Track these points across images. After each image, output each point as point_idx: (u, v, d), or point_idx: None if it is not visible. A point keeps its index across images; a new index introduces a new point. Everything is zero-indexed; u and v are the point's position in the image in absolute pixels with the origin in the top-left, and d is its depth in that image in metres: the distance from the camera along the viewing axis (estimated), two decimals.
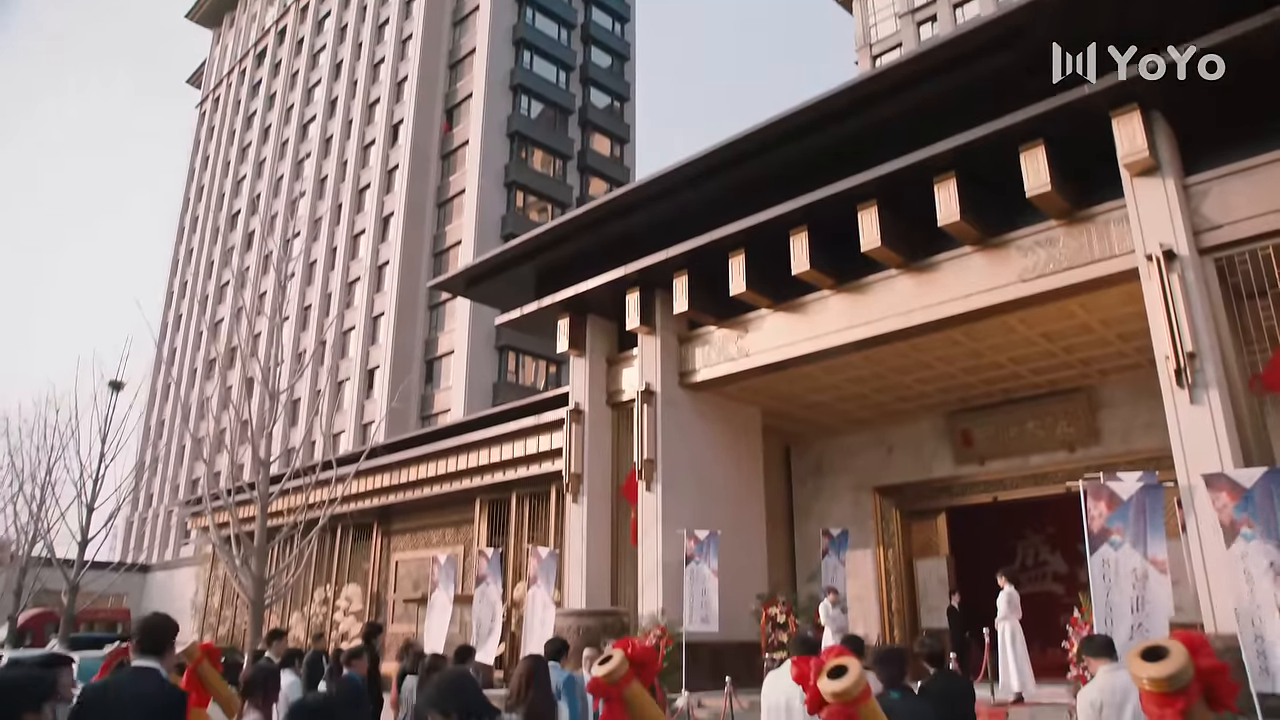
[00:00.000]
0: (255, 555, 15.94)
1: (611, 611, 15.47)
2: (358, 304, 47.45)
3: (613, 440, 17.33)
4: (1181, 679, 2.71)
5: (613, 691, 4.28)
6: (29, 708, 3.10)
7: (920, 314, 13.07)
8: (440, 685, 3.48)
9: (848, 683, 3.43)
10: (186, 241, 62.87)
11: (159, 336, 59.07)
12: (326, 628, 27.26)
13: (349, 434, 46.71)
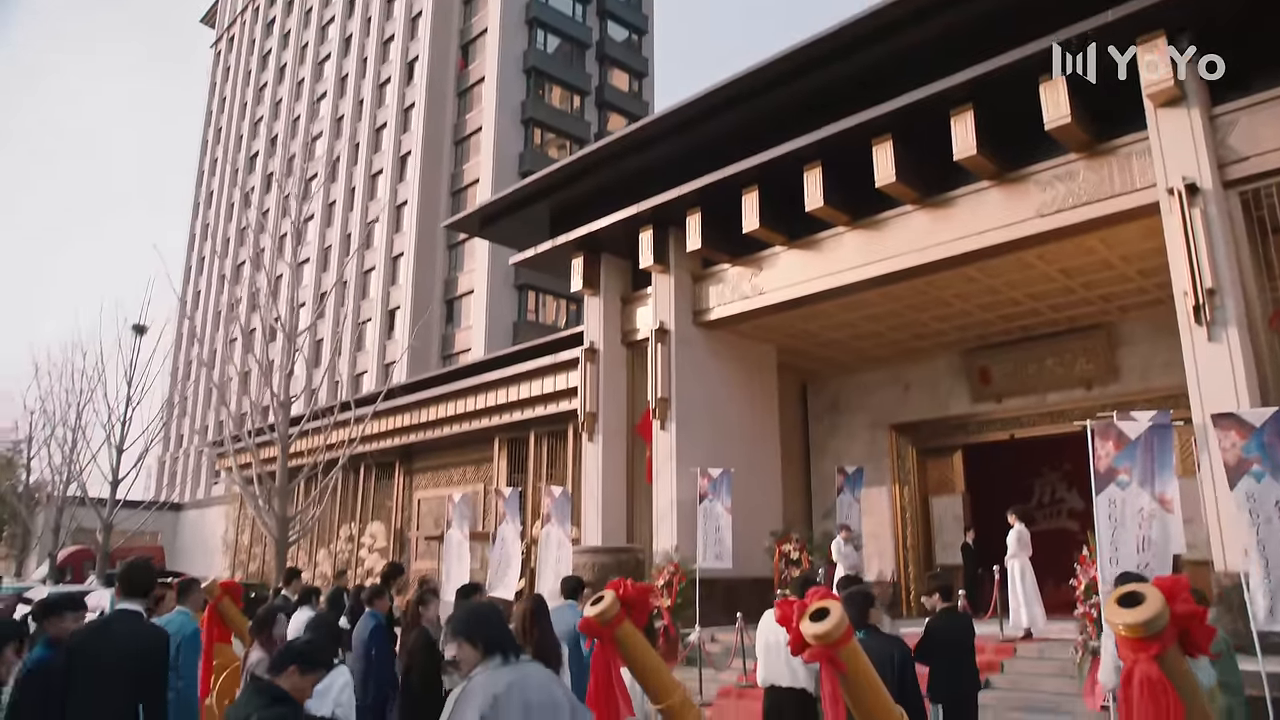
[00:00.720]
0: (277, 495, 16.23)
1: (626, 549, 15.67)
2: (377, 244, 47.47)
3: (628, 379, 17.37)
4: (1156, 624, 2.69)
5: (604, 631, 4.30)
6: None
7: (936, 250, 12.87)
8: (469, 615, 3.50)
9: (829, 625, 3.43)
10: (206, 184, 62.91)
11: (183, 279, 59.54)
12: (352, 564, 27.90)
13: (371, 374, 47.11)
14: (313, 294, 52.77)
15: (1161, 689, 2.65)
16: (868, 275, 13.66)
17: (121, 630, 4.18)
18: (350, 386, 45.47)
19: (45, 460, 29.32)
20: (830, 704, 3.39)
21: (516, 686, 3.21)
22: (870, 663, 3.67)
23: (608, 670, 4.39)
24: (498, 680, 3.23)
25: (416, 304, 44.89)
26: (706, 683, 12.10)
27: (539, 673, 3.37)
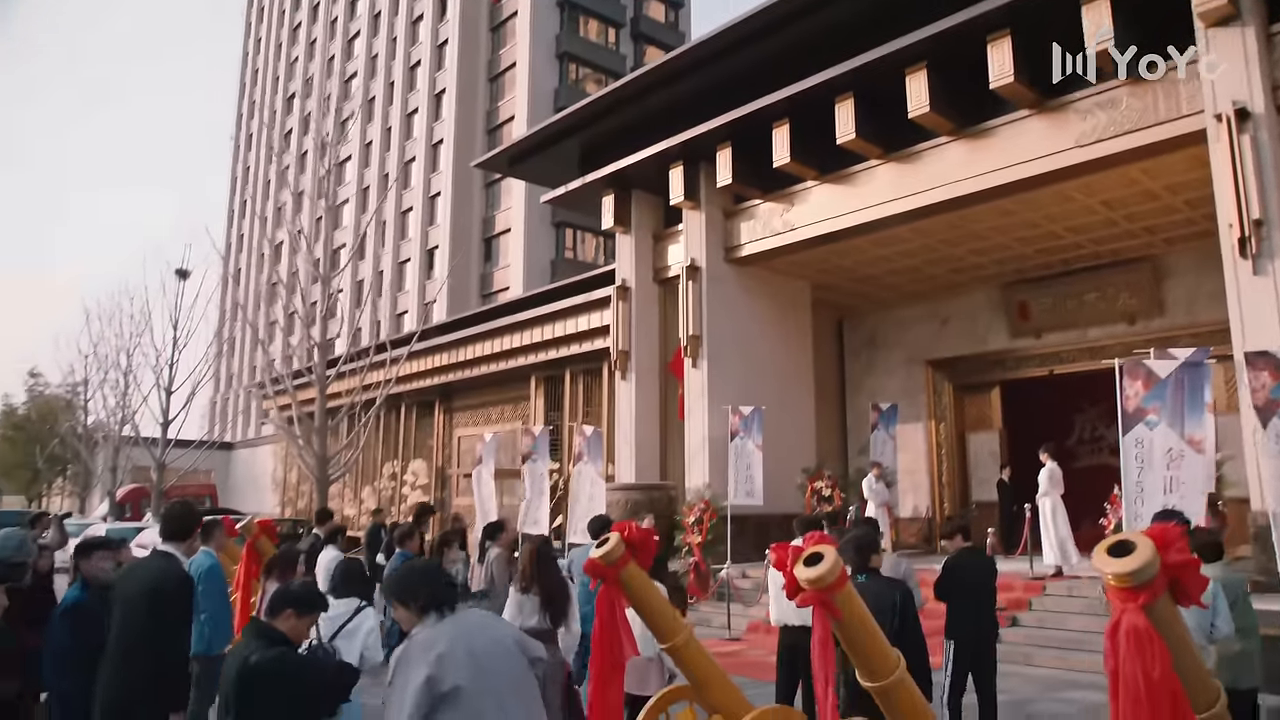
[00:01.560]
0: (316, 435, 16.57)
1: (659, 485, 15.81)
2: (415, 184, 47.48)
3: (660, 316, 17.32)
4: (1144, 575, 2.63)
5: (609, 573, 4.36)
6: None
7: (972, 183, 12.53)
8: (401, 576, 3.52)
9: (822, 570, 3.43)
10: (245, 127, 63.18)
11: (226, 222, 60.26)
12: (395, 501, 28.56)
13: (412, 313, 47.51)
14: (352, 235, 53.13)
15: (1148, 639, 2.61)
16: (901, 209, 13.35)
17: (148, 571, 4.33)
18: (391, 326, 45.99)
19: (101, 402, 30.25)
20: (820, 647, 3.40)
21: (459, 638, 3.24)
22: (865, 607, 3.67)
23: (613, 610, 4.45)
24: (438, 636, 3.25)
25: (455, 243, 44.99)
26: (736, 618, 12.28)
27: (478, 619, 3.42)
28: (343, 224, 52.89)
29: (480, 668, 3.25)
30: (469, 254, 45.39)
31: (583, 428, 13.74)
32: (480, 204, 45.46)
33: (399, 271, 48.89)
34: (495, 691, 3.24)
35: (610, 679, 4.37)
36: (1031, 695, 8.30)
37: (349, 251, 52.05)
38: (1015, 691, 8.44)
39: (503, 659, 3.26)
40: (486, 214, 45.33)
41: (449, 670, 3.20)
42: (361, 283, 52.22)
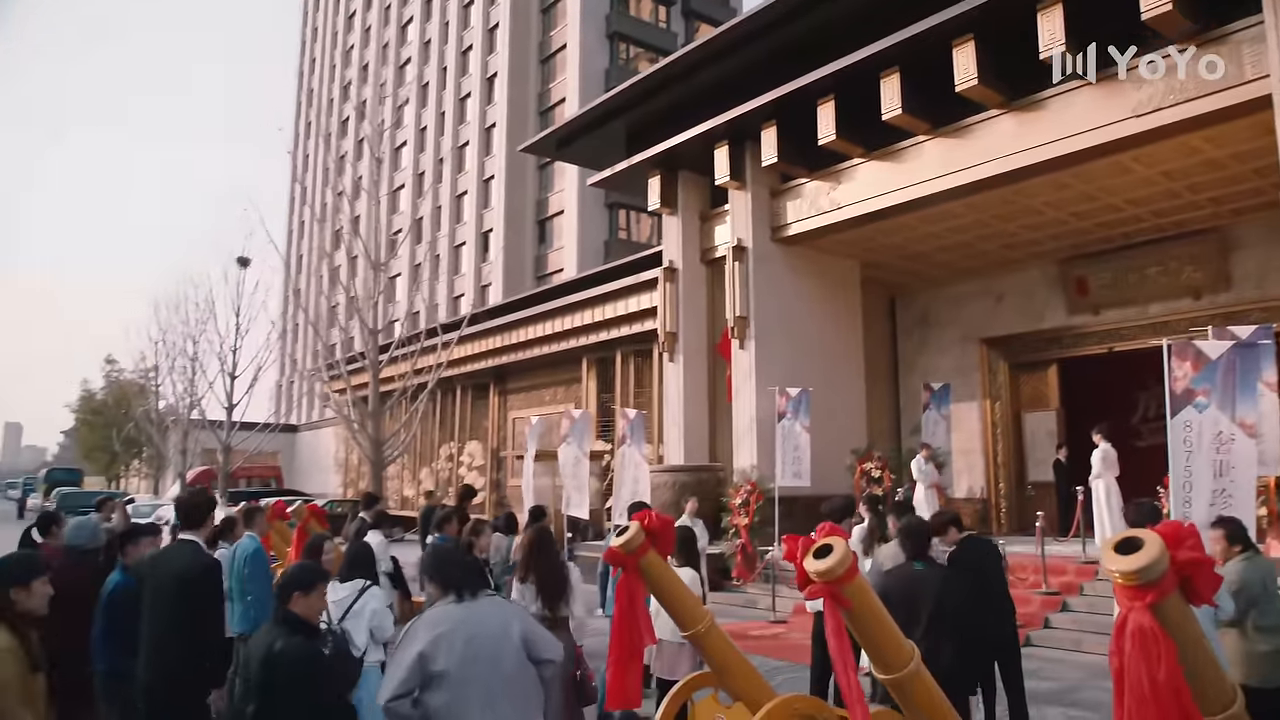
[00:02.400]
0: (370, 419, 16.88)
1: (707, 467, 15.79)
2: (469, 168, 47.85)
3: (708, 298, 17.24)
4: (1150, 573, 2.54)
5: (629, 561, 4.35)
6: (17, 582, 3.45)
7: (1024, 156, 12.16)
8: (432, 557, 3.67)
9: (830, 562, 3.38)
10: (304, 115, 64.30)
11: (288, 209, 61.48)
12: (452, 482, 29.03)
13: (468, 296, 48.02)
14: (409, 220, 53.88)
15: (1152, 639, 2.52)
16: (951, 185, 13.04)
17: (176, 558, 4.48)
18: (448, 308, 46.59)
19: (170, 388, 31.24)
20: (834, 637, 3.36)
21: (464, 625, 3.39)
22: (876, 598, 3.62)
23: (632, 598, 4.45)
24: (445, 617, 3.42)
25: (509, 226, 45.31)
26: (781, 600, 12.23)
27: (494, 610, 3.51)
28: (399, 209, 53.63)
29: (472, 656, 3.33)
30: (523, 236, 45.69)
31: (625, 410, 13.76)
32: (534, 186, 45.64)
33: (455, 255, 49.42)
34: (483, 683, 3.30)
35: (629, 665, 4.38)
36: (1078, 682, 8.13)
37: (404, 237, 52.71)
38: (1063, 678, 8.28)
39: (499, 653, 3.32)
40: (540, 196, 45.51)
41: (442, 652, 3.34)
42: (419, 266, 52.96)
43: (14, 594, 3.48)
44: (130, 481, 50.64)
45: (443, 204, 50.59)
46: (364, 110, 54.67)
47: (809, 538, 3.63)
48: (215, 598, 4.42)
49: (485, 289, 47.36)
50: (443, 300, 48.35)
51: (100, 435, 43.93)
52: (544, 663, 3.44)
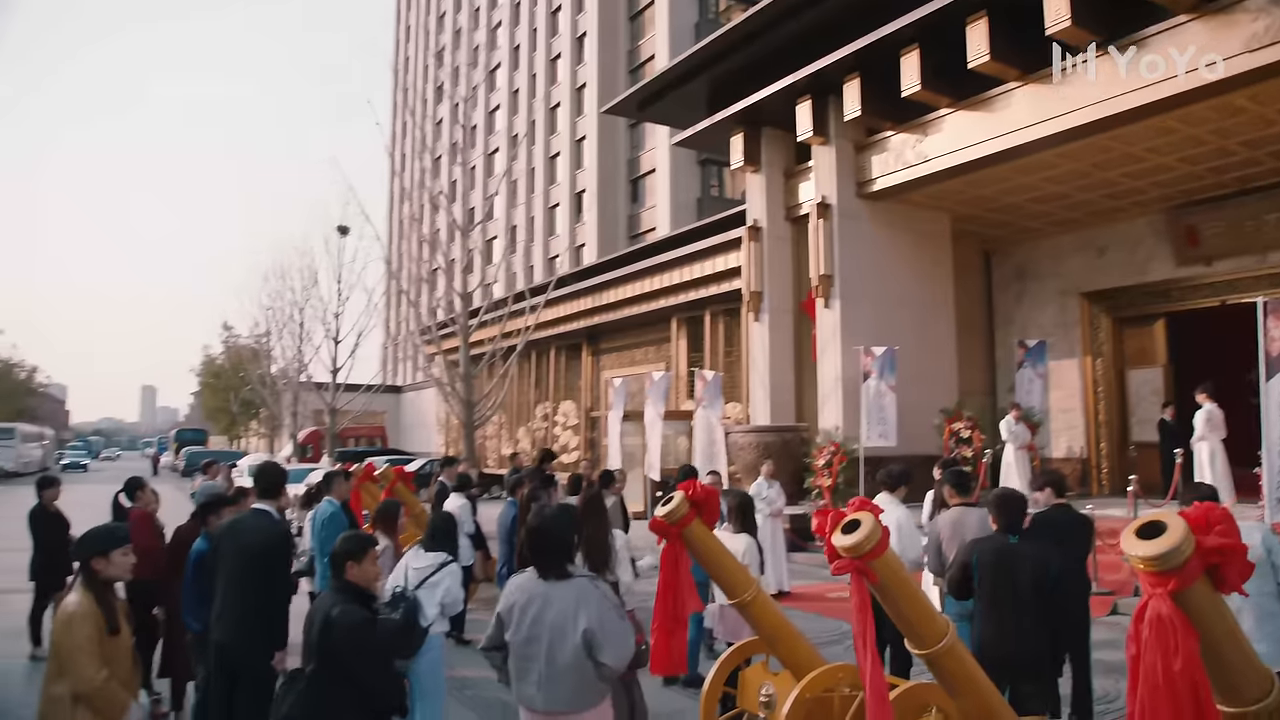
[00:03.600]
0: (461, 381, 17.32)
1: (792, 427, 15.67)
2: (561, 129, 48.04)
3: (793, 256, 16.99)
4: (1171, 559, 2.42)
5: (673, 530, 4.40)
6: (97, 552, 3.69)
7: (1123, 101, 11.46)
8: (536, 527, 3.74)
9: (857, 538, 3.34)
10: (401, 82, 65.50)
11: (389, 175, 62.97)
12: (548, 442, 29.59)
13: (564, 257, 48.48)
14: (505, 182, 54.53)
15: (1170, 628, 2.41)
16: (1044, 134, 12.42)
17: (249, 527, 4.75)
18: (544, 269, 47.14)
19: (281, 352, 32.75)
20: (859, 612, 3.33)
21: (535, 599, 3.49)
22: (906, 572, 3.56)
23: (675, 567, 4.51)
24: (523, 588, 3.55)
25: (602, 186, 45.42)
26: None
27: (566, 594, 3.53)
28: (494, 172, 54.26)
29: (535, 637, 3.44)
30: (616, 196, 45.73)
31: (703, 372, 13.74)
32: (625, 145, 45.55)
33: (550, 216, 49.88)
34: (540, 664, 3.40)
35: (673, 632, 4.45)
36: None
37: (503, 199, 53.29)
38: None
39: (557, 642, 3.40)
40: (632, 155, 45.40)
41: (513, 621, 3.50)
42: (515, 228, 53.66)
43: (95, 564, 3.74)
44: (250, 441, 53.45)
45: (536, 166, 51.01)
46: (457, 76, 55.38)
47: (839, 512, 3.59)
48: (283, 565, 4.66)
49: (580, 249, 47.70)
50: (538, 262, 48.94)
51: (220, 398, 46.46)
52: (601, 665, 3.46)
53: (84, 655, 3.50)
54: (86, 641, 3.53)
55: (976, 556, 4.64)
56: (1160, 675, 2.41)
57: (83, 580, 3.71)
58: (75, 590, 3.67)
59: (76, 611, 3.56)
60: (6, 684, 7.04)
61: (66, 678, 3.52)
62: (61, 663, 3.53)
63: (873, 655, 3.27)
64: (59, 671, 3.55)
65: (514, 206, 53.45)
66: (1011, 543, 4.58)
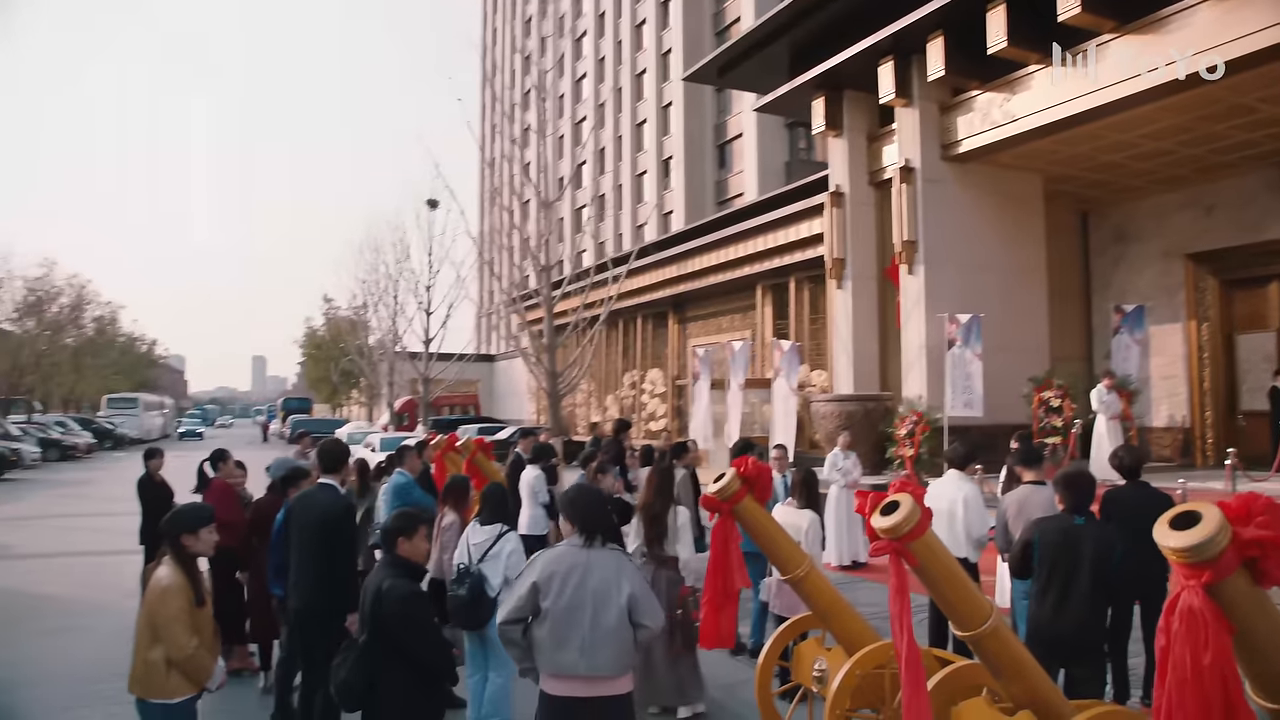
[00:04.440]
0: (546, 352, 17.55)
1: (874, 396, 15.42)
2: (647, 95, 47.81)
3: (876, 221, 16.63)
4: (1204, 551, 2.33)
5: (724, 507, 4.44)
6: (187, 530, 3.93)
7: (1232, 48, 10.74)
8: (571, 497, 3.87)
9: (896, 519, 3.32)
10: (490, 55, 66.10)
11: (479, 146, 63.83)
12: (636, 409, 29.84)
13: (651, 224, 48.46)
14: (592, 150, 54.71)
15: (1201, 622, 2.34)
16: (1142, 88, 11.77)
17: (316, 500, 4.99)
18: (632, 237, 47.21)
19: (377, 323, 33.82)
20: (896, 596, 3.31)
21: (577, 567, 3.56)
22: (948, 554, 3.52)
23: (726, 544, 4.55)
24: (564, 558, 3.61)
25: (688, 152, 45.11)
26: None
27: (608, 560, 3.61)
28: (582, 141, 54.47)
29: (579, 603, 3.52)
30: (703, 162, 45.37)
31: (780, 342, 13.61)
32: (712, 110, 45.07)
33: (637, 184, 49.83)
34: (583, 629, 3.48)
35: (723, 607, 4.51)
36: None
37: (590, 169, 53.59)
38: None
39: (603, 606, 3.48)
40: (719, 120, 44.91)
41: (554, 590, 3.56)
42: (602, 197, 53.83)
43: (185, 540, 4.01)
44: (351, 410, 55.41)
45: (624, 133, 50.95)
46: (544, 45, 55.58)
47: (879, 493, 3.56)
48: (347, 536, 4.87)
49: (667, 216, 47.59)
50: (626, 229, 48.99)
51: (322, 368, 48.19)
52: (642, 627, 3.55)
53: (178, 625, 3.79)
54: (180, 612, 3.81)
55: (1038, 536, 4.53)
56: (1189, 669, 2.34)
57: (173, 555, 3.96)
58: (166, 564, 3.93)
59: (171, 584, 3.84)
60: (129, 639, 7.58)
61: (161, 645, 3.81)
62: (157, 631, 3.81)
63: (909, 640, 3.25)
64: (154, 638, 3.82)
65: (601, 174, 53.60)
66: (1076, 523, 4.45)
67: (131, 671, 3.91)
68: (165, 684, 3.87)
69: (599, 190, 53.57)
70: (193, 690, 3.97)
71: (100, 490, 16.34)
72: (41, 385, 41.69)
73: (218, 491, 7.35)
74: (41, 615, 8.74)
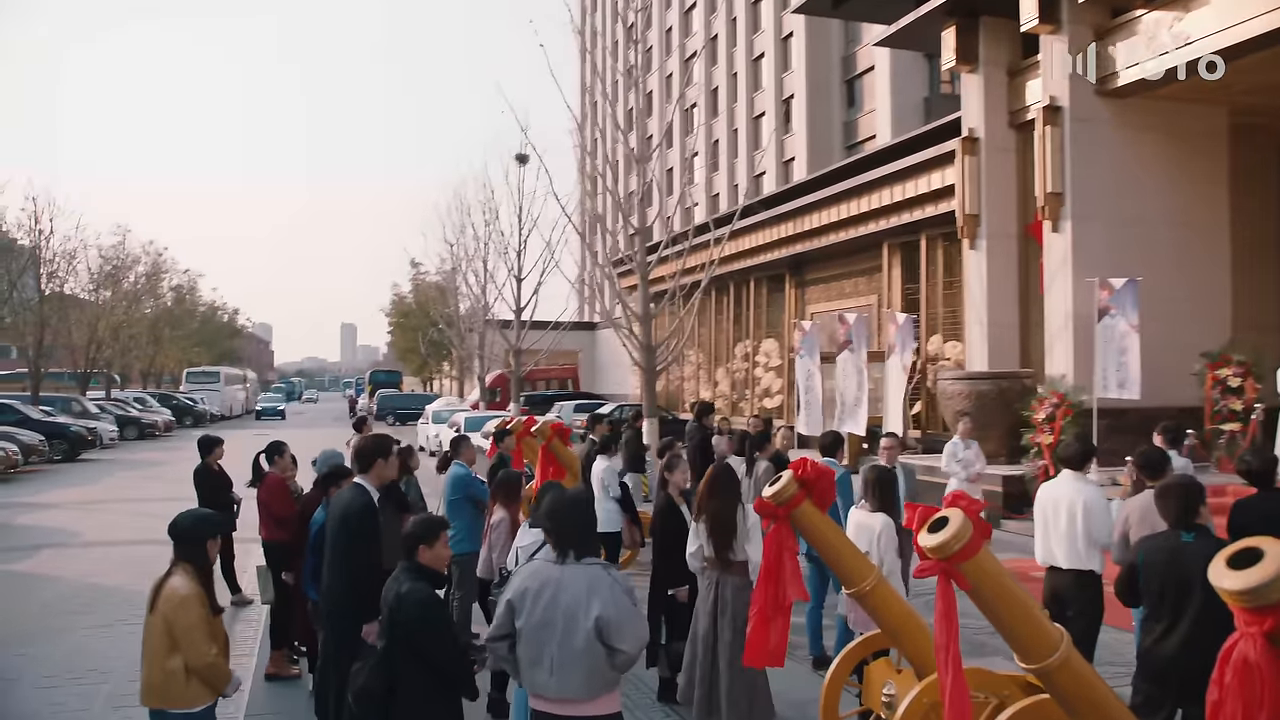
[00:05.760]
0: (639, 322, 17.62)
1: (1011, 374, 14.96)
2: (765, 26, 47.17)
3: (1018, 170, 16.05)
4: (1266, 595, 2.25)
5: (780, 512, 4.46)
6: (211, 535, 4.34)
7: None
8: (552, 507, 4.00)
9: (944, 537, 3.29)
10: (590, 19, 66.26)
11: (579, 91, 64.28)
12: (749, 384, 29.77)
13: (770, 174, 48.00)
14: (704, 91, 54.33)
15: (1257, 676, 2.27)
16: None
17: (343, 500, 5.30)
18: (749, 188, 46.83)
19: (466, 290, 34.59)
20: (942, 622, 3.29)
21: (549, 584, 3.72)
22: (1007, 576, 3.45)
23: (780, 553, 4.57)
24: (537, 574, 3.80)
25: (812, 90, 44.40)
26: None
27: (580, 578, 3.73)
28: (692, 80, 54.17)
29: (547, 622, 3.71)
30: (829, 101, 44.54)
31: (894, 314, 13.33)
32: (839, 41, 44.13)
33: (754, 128, 49.32)
34: (553, 650, 3.62)
35: (773, 622, 4.54)
36: None
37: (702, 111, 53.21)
38: None
39: (570, 628, 3.62)
40: (847, 51, 43.96)
41: (525, 608, 3.75)
42: (715, 143, 53.50)
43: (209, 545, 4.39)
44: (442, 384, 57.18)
45: (739, 70, 50.49)
46: None
47: (930, 508, 3.51)
48: (368, 537, 5.10)
49: (788, 164, 47.01)
50: (742, 180, 48.54)
51: (410, 339, 49.71)
52: (615, 651, 3.66)
53: (198, 634, 4.18)
54: (200, 620, 4.21)
55: (1143, 556, 4.39)
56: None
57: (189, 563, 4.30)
58: (181, 574, 4.28)
59: (189, 594, 4.24)
60: None
61: (180, 653, 4.18)
62: (176, 639, 4.18)
63: (954, 674, 3.23)
64: (172, 647, 4.21)
65: (714, 118, 53.24)
66: (1186, 541, 4.28)
67: (146, 683, 4.29)
68: (186, 692, 4.25)
69: (711, 136, 53.25)
70: (212, 698, 4.34)
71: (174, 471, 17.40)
72: (120, 359, 44.18)
73: (271, 486, 7.81)
74: (101, 607, 9.47)
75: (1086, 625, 5.51)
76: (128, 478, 21.56)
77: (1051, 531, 5.72)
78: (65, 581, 10.83)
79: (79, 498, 17.93)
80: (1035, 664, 3.44)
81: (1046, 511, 5.75)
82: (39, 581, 10.91)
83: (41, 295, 35.28)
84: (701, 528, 5.52)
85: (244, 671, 7.39)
